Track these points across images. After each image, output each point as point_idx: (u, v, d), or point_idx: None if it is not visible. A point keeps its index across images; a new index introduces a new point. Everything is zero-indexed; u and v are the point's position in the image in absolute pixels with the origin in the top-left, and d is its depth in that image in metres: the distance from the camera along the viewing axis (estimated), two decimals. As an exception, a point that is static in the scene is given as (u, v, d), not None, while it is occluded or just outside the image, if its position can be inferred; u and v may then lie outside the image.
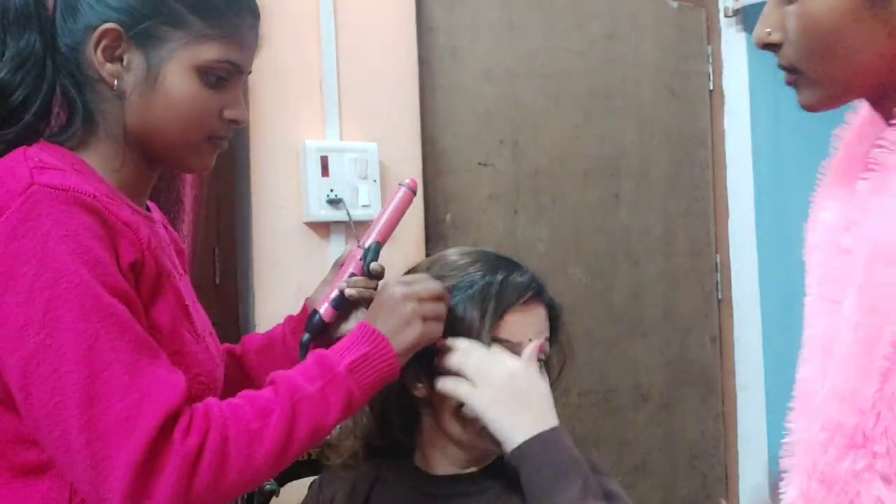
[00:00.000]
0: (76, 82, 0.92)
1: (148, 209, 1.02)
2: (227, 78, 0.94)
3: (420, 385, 1.04)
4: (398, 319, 0.96)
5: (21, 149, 0.89)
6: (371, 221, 2.00)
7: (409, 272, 1.12)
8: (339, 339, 1.17)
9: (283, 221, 1.90)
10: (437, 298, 0.99)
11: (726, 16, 2.03)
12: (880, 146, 0.76)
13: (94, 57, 0.90)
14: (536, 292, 1.05)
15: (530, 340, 1.01)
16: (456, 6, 2.14)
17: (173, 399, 0.80)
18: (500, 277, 1.03)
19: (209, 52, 0.92)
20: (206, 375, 0.95)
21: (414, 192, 1.21)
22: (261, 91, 1.89)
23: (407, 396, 1.06)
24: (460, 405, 0.99)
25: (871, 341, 0.70)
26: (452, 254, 1.10)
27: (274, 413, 0.85)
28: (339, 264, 1.20)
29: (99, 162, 0.93)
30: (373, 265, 1.15)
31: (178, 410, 0.80)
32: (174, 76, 0.91)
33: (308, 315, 1.17)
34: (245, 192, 1.89)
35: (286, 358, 1.17)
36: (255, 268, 1.86)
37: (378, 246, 1.17)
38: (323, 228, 1.94)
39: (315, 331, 1.15)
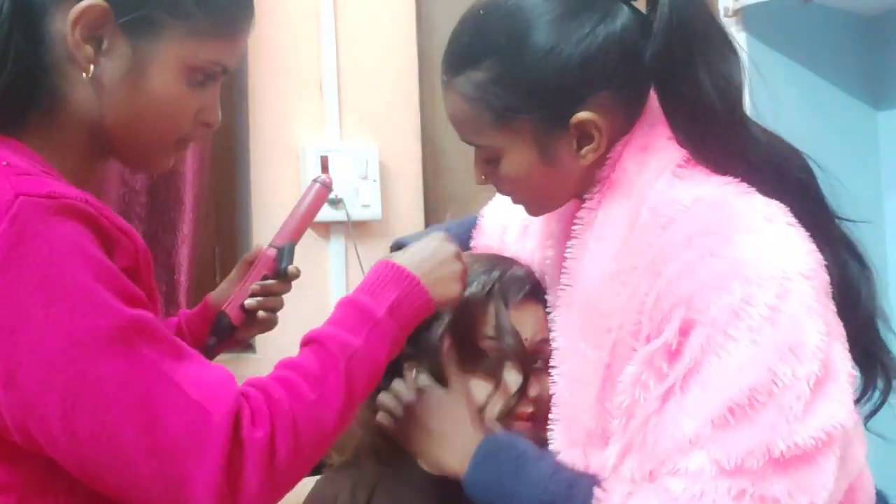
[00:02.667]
0: (41, 58, 0.78)
1: None
2: (212, 77, 0.85)
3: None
4: (446, 273, 0.93)
5: None
6: (370, 221, 2.02)
7: None
8: (245, 340, 1.14)
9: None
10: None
11: (726, 16, 2.03)
12: (575, 224, 0.93)
13: (70, 34, 0.76)
14: (533, 288, 1.05)
15: (526, 339, 1.01)
16: (456, 6, 2.13)
17: (230, 398, 0.73)
18: (496, 274, 1.03)
19: (206, 52, 0.82)
20: None
21: (328, 189, 1.16)
22: (261, 91, 1.90)
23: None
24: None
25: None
26: None
27: (329, 378, 0.80)
28: (247, 262, 1.13)
29: (49, 152, 0.80)
30: (290, 268, 1.09)
31: (238, 406, 0.73)
32: (163, 73, 0.80)
33: (210, 315, 1.10)
34: (245, 192, 1.90)
35: None
36: (255, 268, 1.86)
37: (293, 246, 1.11)
38: (323, 228, 1.95)
39: (222, 335, 1.09)
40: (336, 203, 1.91)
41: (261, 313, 1.08)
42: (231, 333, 1.09)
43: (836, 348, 0.80)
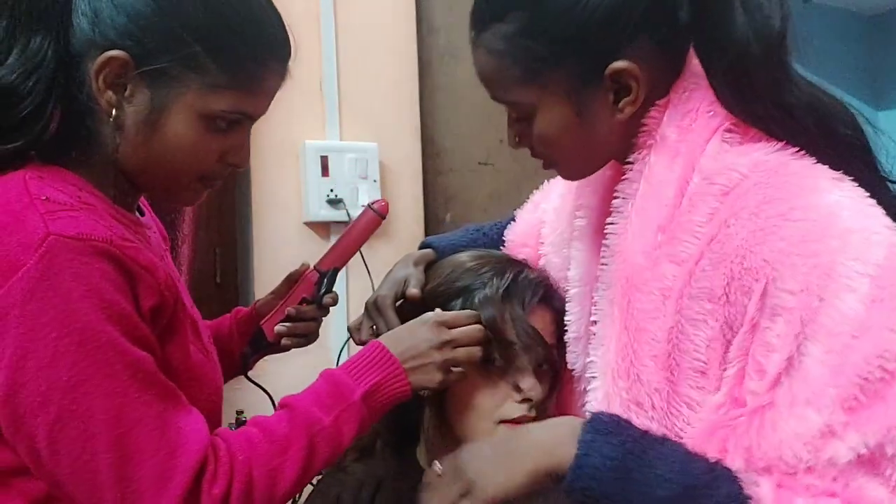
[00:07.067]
0: (76, 97, 0.84)
1: (141, 212, 0.98)
2: (236, 123, 0.88)
3: None
4: (424, 361, 0.95)
5: (21, 179, 0.80)
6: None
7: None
8: (286, 350, 1.17)
9: (283, 221, 1.90)
10: (475, 342, 0.97)
11: (726, 15, 2.04)
12: (615, 197, 0.86)
13: (94, 81, 0.82)
14: (546, 293, 1.04)
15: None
16: (456, 6, 2.14)
17: (200, 448, 0.79)
18: (509, 276, 1.02)
19: (221, 103, 0.85)
20: (215, 392, 0.94)
21: (382, 217, 1.13)
22: (261, 91, 1.89)
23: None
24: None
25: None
26: (464, 256, 1.09)
27: (292, 448, 0.85)
28: (292, 280, 1.16)
29: (96, 181, 0.87)
30: (326, 298, 1.12)
31: (206, 457, 0.80)
32: (178, 120, 0.84)
33: (255, 323, 1.15)
34: (245, 192, 1.89)
35: (228, 353, 1.15)
36: (255, 268, 1.86)
37: (335, 273, 1.12)
38: (323, 228, 1.94)
39: (258, 348, 1.14)
40: (336, 203, 1.91)
41: (284, 341, 1.14)
42: (267, 347, 1.14)
43: None
